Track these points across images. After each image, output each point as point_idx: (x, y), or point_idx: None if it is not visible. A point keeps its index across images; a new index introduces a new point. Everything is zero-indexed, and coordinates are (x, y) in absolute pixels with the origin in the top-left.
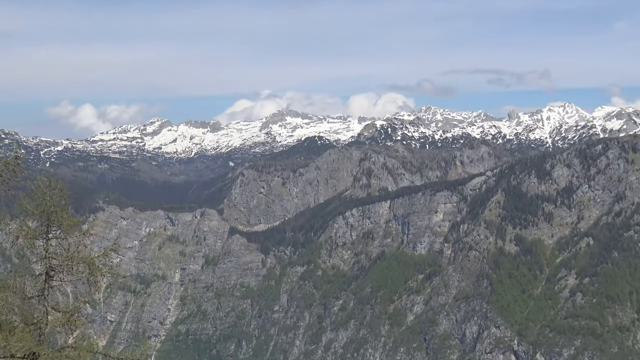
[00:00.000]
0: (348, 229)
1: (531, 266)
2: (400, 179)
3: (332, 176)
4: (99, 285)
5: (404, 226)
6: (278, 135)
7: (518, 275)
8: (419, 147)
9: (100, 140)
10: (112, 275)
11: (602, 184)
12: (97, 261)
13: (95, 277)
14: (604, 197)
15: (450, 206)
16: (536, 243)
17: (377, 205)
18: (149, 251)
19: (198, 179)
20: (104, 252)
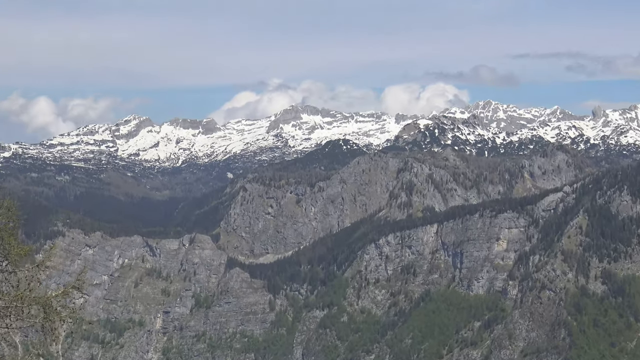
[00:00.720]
0: (382, 261)
1: (623, 311)
2: (450, 196)
3: (361, 192)
4: (57, 334)
5: (456, 258)
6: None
7: (606, 323)
8: (475, 154)
9: (59, 145)
10: (74, 320)
11: None
12: (55, 302)
13: (52, 323)
14: None
15: (517, 232)
16: (629, 281)
17: (420, 230)
18: (122, 289)
19: (187, 195)
20: (63, 290)
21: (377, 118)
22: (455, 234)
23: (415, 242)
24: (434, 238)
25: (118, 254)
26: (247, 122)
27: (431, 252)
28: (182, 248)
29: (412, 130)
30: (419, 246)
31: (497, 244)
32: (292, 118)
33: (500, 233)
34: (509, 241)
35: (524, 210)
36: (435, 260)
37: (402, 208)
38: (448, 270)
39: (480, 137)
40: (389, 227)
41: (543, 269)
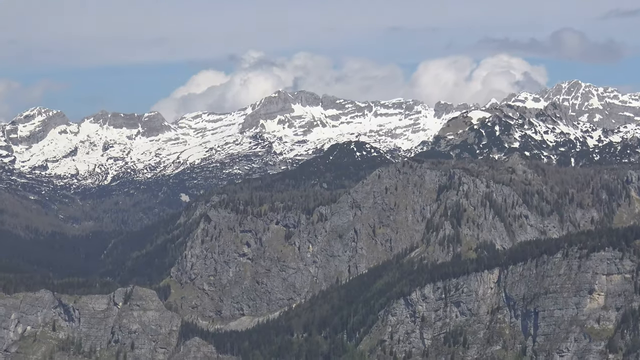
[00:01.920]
0: (417, 325)
1: None
2: (519, 227)
3: (384, 221)
4: None
5: (528, 320)
6: (277, 142)
7: None
8: (556, 163)
9: None
10: None
11: None
12: None
13: None
14: None
15: (620, 280)
16: None
17: (473, 278)
18: None
19: (120, 228)
20: None
21: (407, 109)
22: (527, 285)
23: (466, 296)
24: (494, 290)
25: (16, 318)
26: (211, 117)
27: (490, 312)
28: (113, 308)
29: (460, 128)
30: (471, 303)
31: (591, 299)
32: (279, 110)
33: (595, 282)
34: (609, 294)
35: (630, 246)
36: (496, 323)
37: (446, 245)
38: (516, 339)
39: (563, 136)
40: (426, 275)
41: None
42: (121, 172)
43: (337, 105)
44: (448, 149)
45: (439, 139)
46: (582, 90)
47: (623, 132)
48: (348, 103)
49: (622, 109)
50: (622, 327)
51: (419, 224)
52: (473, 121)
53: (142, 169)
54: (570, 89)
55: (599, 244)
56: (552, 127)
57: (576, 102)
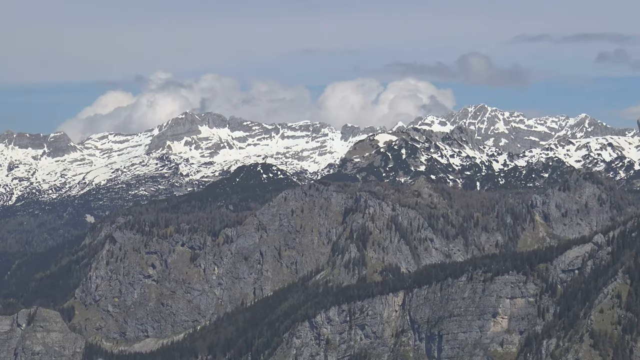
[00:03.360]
0: (321, 347)
1: None
2: (424, 250)
3: (290, 243)
4: None
5: (432, 343)
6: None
7: None
8: (461, 187)
9: None
10: None
11: None
12: None
13: None
14: None
15: (523, 303)
16: None
17: (378, 301)
18: None
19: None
20: None
21: (314, 132)
22: (431, 308)
23: (370, 319)
24: (399, 313)
25: None
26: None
27: (395, 335)
28: (16, 330)
29: (366, 151)
30: (376, 326)
31: (495, 322)
32: (186, 132)
33: (498, 305)
34: (512, 317)
35: (534, 270)
36: (400, 346)
37: (352, 268)
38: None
39: (469, 160)
40: (331, 297)
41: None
42: (26, 193)
43: (244, 127)
44: (354, 171)
45: (346, 162)
46: (488, 115)
47: (528, 157)
48: (255, 125)
49: (527, 134)
50: (525, 350)
51: (324, 246)
52: (380, 144)
53: (47, 190)
54: (477, 113)
55: (503, 268)
56: (458, 151)
57: (482, 126)
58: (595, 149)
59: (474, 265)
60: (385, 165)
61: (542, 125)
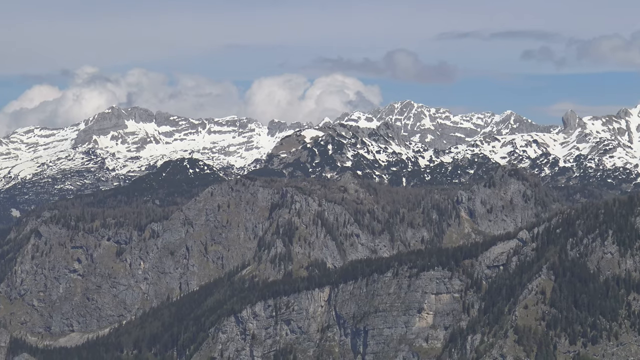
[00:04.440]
0: (247, 342)
1: None
2: (350, 246)
3: (216, 238)
4: None
5: (358, 338)
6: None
7: None
8: (387, 183)
9: None
10: None
11: None
12: None
13: None
14: None
15: (449, 299)
16: None
17: (304, 296)
18: None
19: None
20: None
21: (240, 127)
22: (357, 303)
23: (296, 314)
24: (324, 309)
25: None
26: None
27: (320, 330)
28: None
29: (293, 146)
30: (302, 321)
31: (420, 318)
32: (112, 126)
33: (424, 301)
34: (438, 313)
35: (459, 266)
36: (326, 341)
37: (278, 263)
38: (345, 357)
39: (395, 156)
40: (257, 292)
41: (487, 355)
42: None
43: (170, 122)
44: (281, 167)
45: (272, 157)
46: (414, 111)
47: (454, 153)
48: (182, 120)
49: (453, 130)
50: (449, 345)
51: (250, 241)
52: (306, 140)
53: None
54: (403, 109)
55: (429, 264)
56: (384, 147)
57: (408, 123)
58: (520, 146)
59: (400, 261)
60: (311, 161)
61: (468, 122)
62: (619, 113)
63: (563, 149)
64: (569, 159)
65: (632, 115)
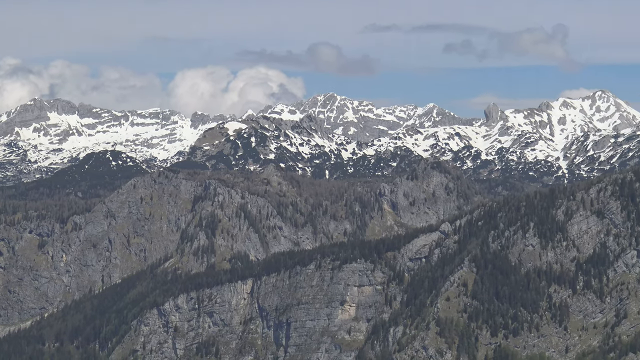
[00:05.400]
0: (170, 335)
1: None
2: (273, 238)
3: (139, 231)
4: None
5: (280, 330)
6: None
7: None
8: (310, 175)
9: None
10: None
11: None
12: None
13: None
14: None
15: (371, 291)
16: None
17: (226, 288)
18: None
19: None
20: None
21: (163, 119)
22: (280, 296)
23: (219, 307)
24: (247, 301)
25: None
26: None
27: (243, 322)
28: None
29: (216, 139)
30: (224, 313)
31: (342, 310)
32: (35, 118)
33: (346, 293)
34: (360, 305)
35: (382, 259)
36: (248, 334)
37: (201, 256)
38: (268, 350)
39: (318, 148)
40: (179, 285)
41: (409, 347)
42: None
43: (93, 114)
44: (204, 159)
45: (195, 150)
46: (337, 103)
47: (377, 146)
48: (104, 112)
49: (376, 123)
50: (372, 338)
51: (173, 234)
52: (229, 132)
53: None
54: (326, 102)
55: (351, 256)
56: (307, 139)
57: (331, 115)
58: (442, 139)
59: (323, 253)
60: (234, 153)
61: (391, 115)
62: (541, 106)
63: (485, 141)
64: (491, 151)
65: (553, 108)
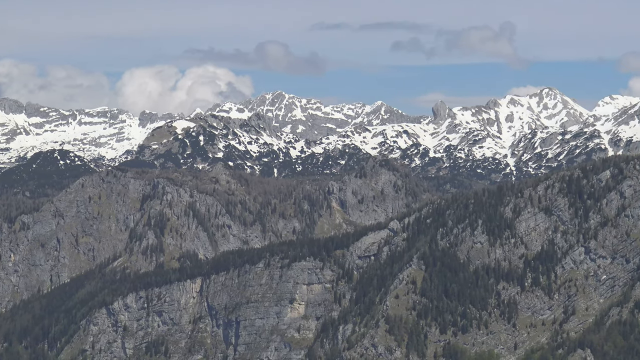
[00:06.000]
0: (119, 334)
1: None
2: (222, 237)
3: (87, 230)
4: None
5: (230, 329)
6: None
7: None
8: (259, 173)
9: None
10: None
11: (611, 244)
12: None
13: None
14: (616, 270)
15: (320, 289)
16: None
17: (175, 287)
18: None
19: None
20: None
21: (112, 118)
22: (229, 294)
23: (168, 305)
24: (196, 300)
25: None
26: None
27: (192, 321)
28: None
29: (164, 137)
30: (173, 312)
31: (292, 308)
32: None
33: (296, 291)
34: (309, 303)
35: (330, 257)
36: (198, 332)
37: (149, 255)
38: (217, 348)
39: (267, 147)
40: (128, 284)
41: (359, 345)
42: None
43: (41, 113)
44: (152, 158)
45: (144, 149)
46: (285, 102)
47: (325, 144)
48: (52, 111)
49: (324, 121)
50: (321, 336)
51: (122, 233)
52: (178, 131)
53: None
54: (274, 100)
55: (300, 254)
56: (255, 138)
57: (280, 113)
58: (391, 136)
59: (272, 251)
60: (183, 152)
61: (339, 113)
62: (488, 104)
63: (433, 139)
64: (439, 149)
65: (501, 105)
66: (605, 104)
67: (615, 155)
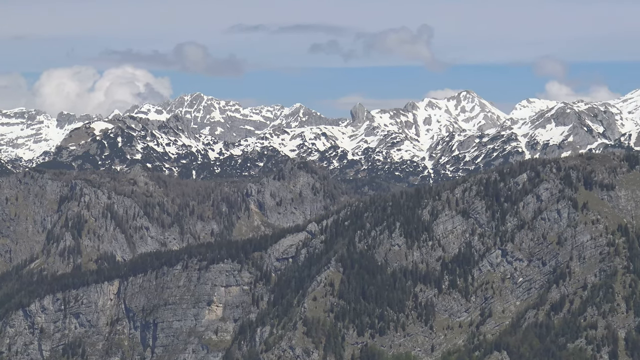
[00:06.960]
0: (36, 336)
1: None
2: (140, 238)
3: (4, 232)
4: None
5: (147, 331)
6: None
7: None
8: (177, 175)
9: None
10: None
11: (528, 246)
12: None
13: None
14: (532, 273)
15: (238, 291)
16: None
17: (93, 289)
18: None
19: None
20: None
21: (29, 119)
22: (147, 296)
23: (85, 307)
24: (114, 302)
25: None
26: None
27: (110, 323)
28: None
29: (82, 139)
30: (91, 314)
31: (210, 310)
32: None
33: (213, 293)
34: (227, 305)
35: (249, 259)
36: (115, 335)
37: (67, 256)
38: (135, 350)
39: (185, 148)
40: (45, 286)
41: (276, 347)
42: None
43: None
44: (70, 159)
45: (61, 150)
46: (204, 103)
47: (244, 146)
48: None
49: (243, 123)
50: (239, 338)
51: (39, 234)
52: (95, 132)
53: None
54: (193, 102)
55: (219, 256)
56: (174, 140)
57: (198, 115)
58: (309, 139)
59: (190, 253)
60: (101, 154)
61: (258, 115)
62: (407, 106)
63: (351, 142)
64: (357, 152)
65: (419, 108)
66: (522, 108)
67: (532, 158)
